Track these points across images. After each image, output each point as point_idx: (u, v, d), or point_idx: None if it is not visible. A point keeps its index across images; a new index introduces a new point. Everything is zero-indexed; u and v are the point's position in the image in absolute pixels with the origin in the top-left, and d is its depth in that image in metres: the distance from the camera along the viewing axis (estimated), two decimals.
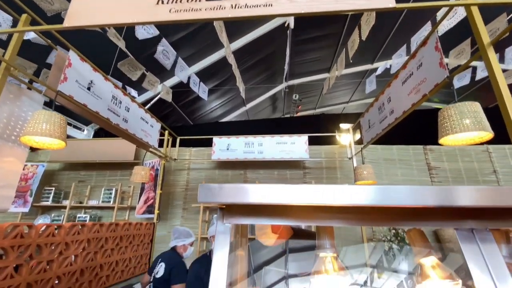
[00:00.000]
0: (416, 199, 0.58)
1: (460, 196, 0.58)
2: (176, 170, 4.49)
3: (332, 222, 0.73)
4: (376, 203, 0.59)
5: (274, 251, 1.50)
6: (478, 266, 0.64)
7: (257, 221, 0.75)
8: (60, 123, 1.98)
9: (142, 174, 3.41)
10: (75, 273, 2.29)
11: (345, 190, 0.61)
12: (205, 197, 0.62)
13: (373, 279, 2.23)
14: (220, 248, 0.71)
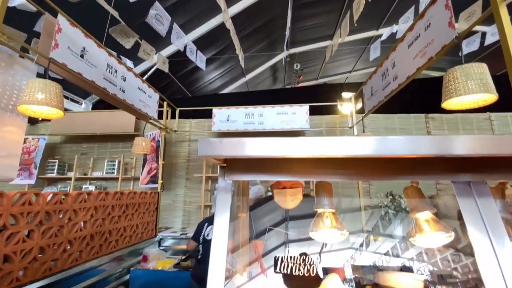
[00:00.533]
0: (413, 149, 0.58)
1: (457, 145, 0.58)
2: (177, 142, 4.52)
3: (331, 177, 0.74)
4: (374, 154, 0.59)
5: (275, 219, 1.56)
6: (474, 218, 0.66)
7: (257, 177, 0.76)
8: (56, 92, 1.94)
9: (143, 145, 3.43)
10: (85, 238, 2.41)
11: (344, 141, 0.61)
12: (206, 151, 0.62)
13: (369, 243, 2.33)
14: (222, 203, 0.73)
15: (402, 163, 0.71)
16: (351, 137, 0.62)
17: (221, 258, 0.66)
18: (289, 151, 0.62)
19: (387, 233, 4.07)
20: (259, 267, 1.36)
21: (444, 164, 0.70)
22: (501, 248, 0.62)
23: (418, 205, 0.89)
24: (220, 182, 0.75)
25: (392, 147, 0.59)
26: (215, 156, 0.64)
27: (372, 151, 0.59)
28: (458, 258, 2.82)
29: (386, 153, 0.59)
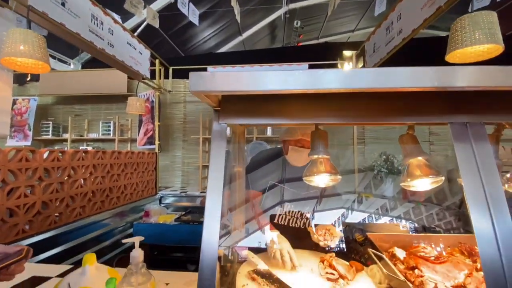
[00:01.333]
0: (414, 81, 0.56)
1: (460, 76, 0.56)
2: (172, 103, 4.42)
3: (330, 119, 0.73)
4: (373, 86, 0.57)
5: (272, 180, 1.59)
6: (467, 159, 0.66)
7: (254, 120, 0.74)
8: (39, 43, 1.83)
9: (137, 105, 3.35)
10: (86, 194, 2.48)
11: (341, 72, 0.58)
12: (197, 86, 0.59)
13: (361, 201, 2.42)
14: (217, 148, 0.72)
15: (401, 103, 0.69)
16: (351, 69, 0.59)
17: (216, 205, 0.67)
18: (287, 85, 0.59)
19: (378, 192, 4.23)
20: (255, 215, 1.42)
21: (442, 105, 0.69)
22: (492, 191, 0.63)
23: (412, 151, 0.89)
24: (214, 126, 0.73)
25: (394, 79, 0.57)
26: (208, 91, 0.61)
27: (372, 83, 0.57)
28: (443, 215, 2.98)
29: (387, 85, 0.57)
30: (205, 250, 0.64)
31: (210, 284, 0.62)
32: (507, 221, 0.61)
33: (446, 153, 3.98)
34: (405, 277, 0.86)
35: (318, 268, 0.97)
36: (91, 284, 0.78)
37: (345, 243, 2.21)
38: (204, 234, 0.65)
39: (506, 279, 0.57)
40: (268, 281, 0.89)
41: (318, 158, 0.91)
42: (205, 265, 0.63)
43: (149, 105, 3.97)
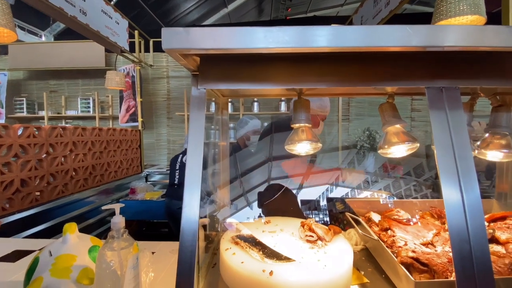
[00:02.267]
0: (402, 40, 0.57)
1: (448, 34, 0.57)
2: (154, 79, 4.25)
3: (313, 84, 0.72)
4: (359, 45, 0.57)
5: (259, 159, 1.60)
6: (441, 122, 0.68)
7: (234, 85, 0.72)
8: (2, 8, 1.67)
9: (117, 80, 3.20)
10: (68, 172, 2.41)
11: (333, 29, 0.57)
12: (170, 43, 0.55)
13: (345, 177, 2.49)
14: (196, 115, 0.70)
15: (382, 68, 0.70)
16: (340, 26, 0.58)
17: (196, 173, 0.66)
18: (275, 42, 0.57)
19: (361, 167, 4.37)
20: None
21: (420, 70, 0.70)
22: (461, 153, 0.66)
23: (390, 119, 0.91)
24: (193, 91, 0.71)
25: (381, 38, 0.57)
26: (183, 49, 0.57)
27: (360, 41, 0.57)
28: (420, 188, 3.15)
29: (375, 44, 0.57)
30: (186, 217, 0.64)
31: (191, 250, 0.63)
32: (473, 182, 0.65)
33: (426, 129, 4.12)
34: (378, 237, 0.92)
35: (298, 232, 1.01)
36: (73, 252, 0.79)
37: (328, 216, 2.31)
38: (185, 201, 0.65)
39: (470, 237, 0.62)
40: (250, 244, 0.92)
41: (300, 127, 0.92)
42: (186, 232, 0.64)
43: (130, 80, 3.79)
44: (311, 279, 0.75)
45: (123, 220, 0.72)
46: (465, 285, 0.60)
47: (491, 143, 0.94)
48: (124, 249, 0.70)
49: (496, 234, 0.93)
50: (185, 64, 0.67)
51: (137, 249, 0.72)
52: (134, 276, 0.71)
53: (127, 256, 0.69)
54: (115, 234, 0.71)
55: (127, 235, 0.72)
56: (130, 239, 0.72)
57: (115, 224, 0.70)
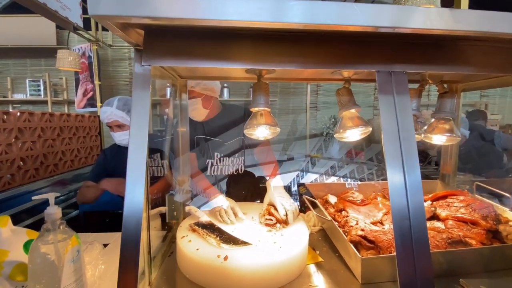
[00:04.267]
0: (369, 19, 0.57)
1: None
2: (114, 60, 3.93)
3: (272, 65, 0.70)
4: (328, 22, 0.57)
5: (233, 147, 1.55)
6: (388, 105, 0.71)
7: (183, 62, 0.67)
8: None
9: (70, 60, 2.90)
10: (14, 161, 2.17)
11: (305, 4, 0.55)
12: (96, 8, 0.47)
13: (314, 163, 2.52)
14: (140, 95, 0.64)
15: (338, 50, 0.70)
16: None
17: (140, 161, 0.61)
18: (242, 13, 0.53)
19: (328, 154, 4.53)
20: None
21: (372, 55, 0.72)
22: (405, 135, 0.69)
23: (346, 104, 0.93)
24: (136, 68, 0.64)
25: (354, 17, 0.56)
26: (117, 17, 0.49)
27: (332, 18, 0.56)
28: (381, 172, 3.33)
29: (349, 23, 0.56)
30: (128, 206, 0.59)
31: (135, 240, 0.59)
32: (414, 163, 0.68)
33: None
34: (333, 218, 0.95)
35: (258, 216, 1.01)
36: (5, 247, 0.70)
37: (299, 201, 2.36)
38: (128, 189, 0.60)
39: (410, 215, 0.66)
40: (208, 231, 0.90)
41: (259, 111, 0.90)
42: (128, 221, 0.59)
43: (86, 61, 3.46)
44: (265, 261, 0.75)
45: (59, 211, 0.65)
46: (404, 258, 0.64)
47: (436, 128, 1.01)
48: (61, 242, 0.64)
49: (437, 211, 1.01)
50: (124, 37, 0.60)
51: (77, 241, 0.66)
52: (74, 269, 0.66)
53: (65, 249, 0.63)
54: (50, 226, 0.64)
55: (65, 227, 0.66)
56: (69, 231, 0.66)
57: (50, 216, 0.64)
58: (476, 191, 1.19)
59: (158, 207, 1.14)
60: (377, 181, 1.38)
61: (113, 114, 1.67)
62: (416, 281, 0.64)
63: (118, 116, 1.68)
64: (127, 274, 0.58)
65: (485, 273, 0.87)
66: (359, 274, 0.78)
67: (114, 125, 1.73)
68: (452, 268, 0.84)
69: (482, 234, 0.90)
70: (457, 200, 1.05)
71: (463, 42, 0.76)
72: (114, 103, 1.69)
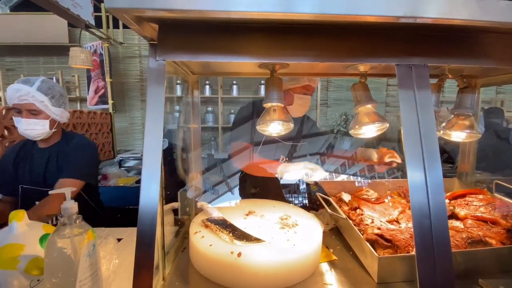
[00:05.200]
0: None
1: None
2: (125, 58, 3.97)
3: (286, 58, 0.68)
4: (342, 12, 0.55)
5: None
6: (408, 98, 0.68)
7: (197, 57, 0.66)
8: None
9: (83, 57, 2.95)
10: None
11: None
12: (112, 2, 0.47)
13: (324, 161, 2.51)
14: (155, 90, 0.64)
15: (356, 43, 0.68)
16: None
17: (155, 158, 0.61)
18: (250, 4, 0.52)
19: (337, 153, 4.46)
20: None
21: (391, 48, 0.69)
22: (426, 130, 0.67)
23: (362, 99, 0.91)
24: (150, 63, 0.64)
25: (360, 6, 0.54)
26: (132, 9, 0.49)
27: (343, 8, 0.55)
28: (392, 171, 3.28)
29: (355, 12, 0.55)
30: (144, 201, 0.59)
31: (150, 235, 0.59)
32: (435, 159, 0.66)
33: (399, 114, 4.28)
34: (347, 216, 0.93)
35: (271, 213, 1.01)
36: (20, 241, 0.72)
37: (307, 199, 2.34)
38: (143, 184, 0.60)
39: (431, 213, 0.63)
40: (221, 227, 0.90)
41: (272, 106, 0.89)
42: (143, 216, 0.59)
43: (98, 59, 3.51)
44: (279, 259, 0.75)
45: (76, 206, 0.65)
46: (424, 258, 0.62)
47: (455, 124, 0.97)
48: (77, 236, 0.64)
49: (456, 210, 0.98)
50: (139, 31, 0.60)
51: (93, 235, 0.67)
52: (90, 264, 0.66)
53: (81, 244, 0.64)
54: (67, 221, 0.65)
55: (81, 221, 0.66)
56: (85, 225, 0.67)
57: (66, 210, 0.64)
58: (496, 190, 1.14)
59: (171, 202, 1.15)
60: (388, 180, 1.35)
61: (31, 96, 1.31)
62: (436, 282, 0.62)
63: (37, 100, 1.32)
64: (143, 268, 0.58)
65: (504, 273, 0.84)
66: (375, 273, 0.76)
67: (26, 109, 1.33)
68: (471, 268, 0.81)
69: (502, 234, 0.86)
70: (476, 199, 1.01)
71: (487, 34, 0.73)
72: (36, 84, 1.34)
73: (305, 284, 0.77)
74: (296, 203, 2.13)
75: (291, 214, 1.00)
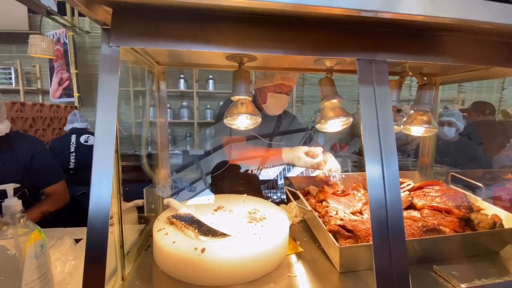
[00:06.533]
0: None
1: None
2: (93, 48, 3.73)
3: (252, 49, 0.67)
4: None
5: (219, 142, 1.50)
6: (368, 93, 0.70)
7: (156, 44, 0.63)
8: None
9: (44, 46, 2.72)
10: None
11: None
12: None
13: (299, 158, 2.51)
14: (107, 77, 0.60)
15: (319, 36, 0.69)
16: None
17: (107, 156, 0.56)
18: None
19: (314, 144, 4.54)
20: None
21: (353, 43, 0.71)
22: (384, 123, 0.69)
23: (328, 94, 0.92)
24: (103, 49, 0.60)
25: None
26: None
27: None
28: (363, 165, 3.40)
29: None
30: (95, 198, 0.55)
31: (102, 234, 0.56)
32: (392, 151, 0.68)
33: None
34: (314, 209, 0.95)
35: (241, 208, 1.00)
36: None
37: (285, 194, 2.36)
38: (93, 181, 0.56)
39: (387, 203, 0.66)
40: (186, 223, 0.88)
41: (239, 99, 0.87)
42: (94, 215, 0.55)
43: (62, 48, 3.27)
44: (243, 252, 0.74)
45: (19, 203, 0.60)
46: (380, 245, 0.64)
47: (415, 119, 1.02)
48: (22, 236, 0.59)
49: (414, 201, 1.03)
50: (88, 14, 0.55)
51: (41, 236, 0.62)
52: (38, 266, 0.61)
53: (26, 245, 0.59)
54: (10, 220, 0.59)
55: (26, 221, 0.61)
56: (31, 224, 0.61)
57: (8, 208, 0.59)
58: (451, 182, 1.23)
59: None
60: (359, 173, 1.40)
61: None
62: (391, 268, 0.65)
63: None
64: (93, 270, 0.54)
65: (457, 260, 0.90)
66: (337, 263, 0.78)
67: None
68: (427, 255, 0.86)
69: (455, 222, 0.93)
70: (433, 190, 1.08)
71: (443, 32, 0.77)
72: None
73: (270, 277, 0.78)
74: (274, 198, 2.15)
75: (260, 208, 1.00)
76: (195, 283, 0.73)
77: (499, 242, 0.93)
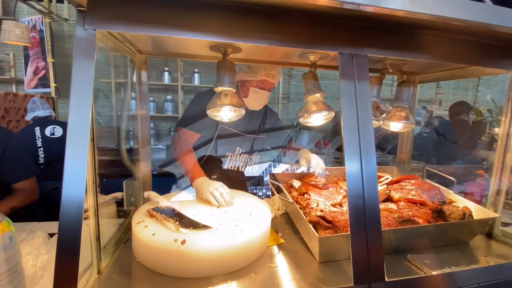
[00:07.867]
0: None
1: None
2: (72, 36, 3.56)
3: (240, 39, 0.66)
4: None
5: (205, 137, 1.46)
6: (348, 86, 0.72)
7: (135, 29, 0.61)
8: None
9: (18, 33, 2.56)
10: None
11: None
12: None
13: (285, 153, 2.54)
14: (82, 61, 0.57)
15: (302, 29, 0.69)
16: None
17: (81, 146, 0.54)
18: None
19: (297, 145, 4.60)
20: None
21: (336, 37, 0.72)
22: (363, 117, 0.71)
23: (311, 88, 0.93)
24: (78, 32, 0.57)
25: None
26: None
27: None
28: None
29: None
30: (68, 191, 0.53)
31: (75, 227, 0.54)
32: (370, 144, 0.70)
33: None
34: (296, 201, 0.96)
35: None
36: None
37: (270, 191, 2.37)
38: (66, 173, 0.54)
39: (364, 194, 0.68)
40: (167, 215, 0.86)
41: (223, 90, 0.86)
42: (66, 208, 0.53)
43: (38, 36, 3.09)
44: (224, 244, 0.74)
45: None
46: (357, 234, 0.67)
47: (394, 115, 1.06)
48: None
49: (391, 194, 1.07)
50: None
51: (9, 227, 0.59)
52: (7, 258, 0.58)
53: None
54: None
55: None
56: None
57: None
58: (427, 176, 1.28)
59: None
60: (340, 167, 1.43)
61: None
62: (368, 256, 0.67)
63: None
64: (66, 263, 0.53)
65: (430, 249, 0.94)
66: (317, 253, 0.80)
67: None
68: (401, 245, 0.90)
69: (428, 214, 0.97)
70: (409, 184, 1.12)
71: (422, 30, 0.79)
72: None
73: (251, 267, 0.78)
74: (260, 195, 2.15)
75: (243, 201, 1.00)
76: (175, 275, 0.73)
77: (469, 233, 0.98)
